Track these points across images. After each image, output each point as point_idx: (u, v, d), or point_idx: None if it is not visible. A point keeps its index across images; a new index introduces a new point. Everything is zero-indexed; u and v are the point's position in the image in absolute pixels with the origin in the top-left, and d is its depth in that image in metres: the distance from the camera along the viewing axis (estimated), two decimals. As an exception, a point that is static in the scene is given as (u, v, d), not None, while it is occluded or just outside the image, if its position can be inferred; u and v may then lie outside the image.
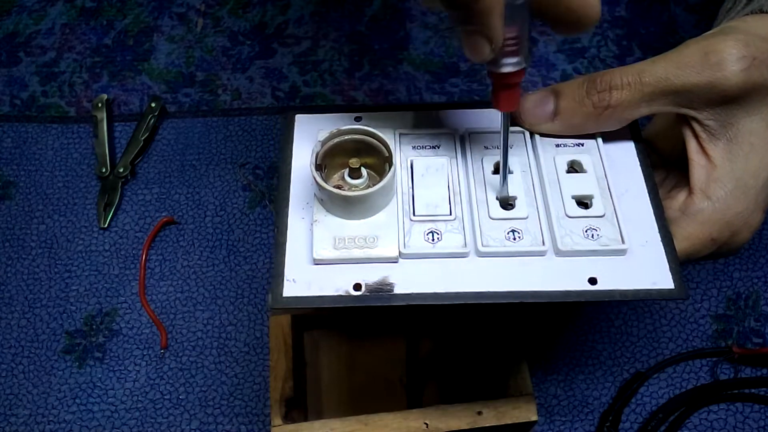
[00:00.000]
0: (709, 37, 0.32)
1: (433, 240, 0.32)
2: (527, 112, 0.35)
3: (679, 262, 0.31)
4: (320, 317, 0.49)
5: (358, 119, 0.36)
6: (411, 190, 0.34)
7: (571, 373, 0.51)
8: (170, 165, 0.61)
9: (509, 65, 0.29)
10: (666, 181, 0.37)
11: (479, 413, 0.41)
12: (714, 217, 0.32)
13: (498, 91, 0.31)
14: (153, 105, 0.63)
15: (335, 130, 0.32)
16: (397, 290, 0.31)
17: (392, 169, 0.31)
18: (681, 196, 0.34)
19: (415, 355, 0.50)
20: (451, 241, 0.32)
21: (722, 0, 0.39)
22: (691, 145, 0.33)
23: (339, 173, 0.34)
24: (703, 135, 0.33)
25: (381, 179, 0.32)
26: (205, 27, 0.69)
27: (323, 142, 0.32)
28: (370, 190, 0.31)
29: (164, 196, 0.60)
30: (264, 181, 0.60)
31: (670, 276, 0.31)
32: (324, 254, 0.31)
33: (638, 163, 0.35)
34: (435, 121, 0.36)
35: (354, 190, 0.32)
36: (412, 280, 0.31)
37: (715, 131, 0.32)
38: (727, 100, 0.31)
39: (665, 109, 0.33)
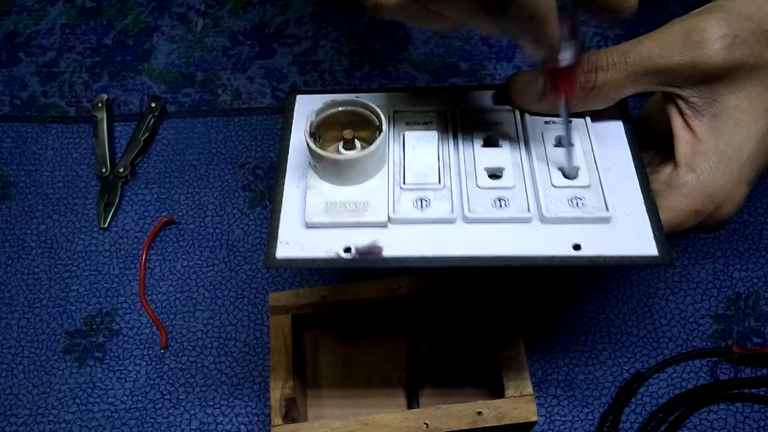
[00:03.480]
0: (693, 16, 0.33)
1: (421, 207, 0.33)
2: (516, 92, 0.36)
3: (663, 231, 0.32)
4: (320, 317, 0.49)
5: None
6: (402, 160, 0.35)
7: (571, 373, 0.51)
8: (170, 165, 0.61)
9: (566, 59, 0.31)
10: (656, 159, 0.38)
11: (479, 413, 0.41)
12: (698, 189, 0.33)
13: (557, 80, 0.32)
14: (153, 105, 0.63)
15: (330, 101, 0.34)
16: (385, 253, 0.32)
17: (382, 134, 0.33)
18: (666, 170, 0.34)
19: (415, 355, 0.50)
20: (439, 207, 0.33)
21: None
22: (677, 121, 0.34)
23: (333, 146, 0.35)
24: (688, 111, 0.33)
25: None
26: (205, 27, 0.69)
27: (318, 112, 0.34)
28: (360, 153, 0.32)
29: (164, 196, 0.60)
30: (264, 181, 0.60)
31: (655, 243, 0.32)
32: (316, 218, 0.33)
33: (626, 140, 0.36)
34: (428, 100, 0.38)
35: (349, 155, 0.33)
36: (401, 244, 0.32)
37: (699, 108, 0.33)
38: (710, 78, 0.32)
39: (650, 88, 0.33)
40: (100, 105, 0.63)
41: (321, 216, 0.33)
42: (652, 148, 0.39)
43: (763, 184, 0.56)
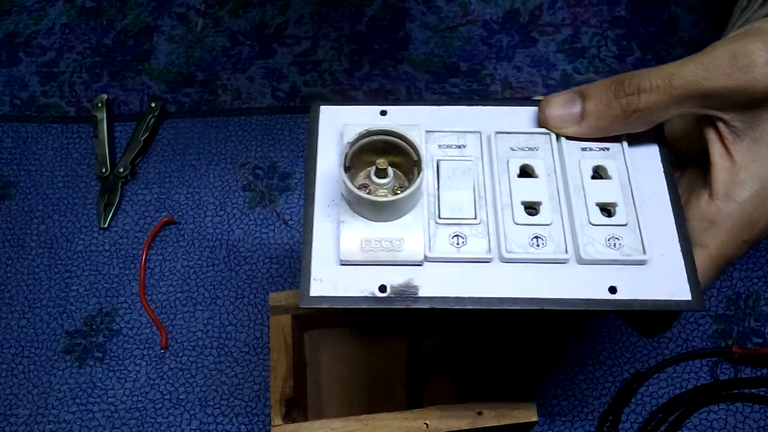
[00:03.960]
0: (736, 38, 0.32)
1: (458, 244, 0.32)
2: (553, 115, 0.35)
3: (696, 274, 0.32)
4: (321, 317, 0.49)
5: (383, 113, 0.36)
6: (437, 191, 0.33)
7: (571, 373, 0.51)
8: (170, 165, 0.61)
9: None
10: (681, 179, 0.37)
11: (479, 413, 0.41)
12: (743, 220, 0.33)
13: None
14: (153, 105, 0.63)
15: (364, 131, 0.32)
16: (421, 293, 0.31)
17: (421, 175, 0.31)
18: (702, 203, 0.33)
19: (416, 356, 0.50)
20: (476, 245, 0.32)
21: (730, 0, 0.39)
22: (715, 148, 0.33)
23: (365, 171, 0.33)
24: (728, 136, 0.33)
25: (408, 181, 0.32)
26: (205, 27, 0.69)
27: (352, 143, 0.32)
28: (399, 196, 0.31)
29: (164, 196, 0.60)
30: (264, 181, 0.60)
31: (689, 288, 0.31)
32: (351, 256, 0.32)
33: (662, 169, 0.35)
34: (462, 118, 0.36)
35: (383, 196, 0.32)
36: (436, 284, 0.32)
37: (740, 132, 0.32)
38: (756, 102, 0.31)
39: (693, 111, 0.33)
40: (100, 105, 0.63)
41: (356, 254, 0.31)
42: (674, 165, 0.38)
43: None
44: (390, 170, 0.33)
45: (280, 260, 0.57)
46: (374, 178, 0.33)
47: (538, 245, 0.32)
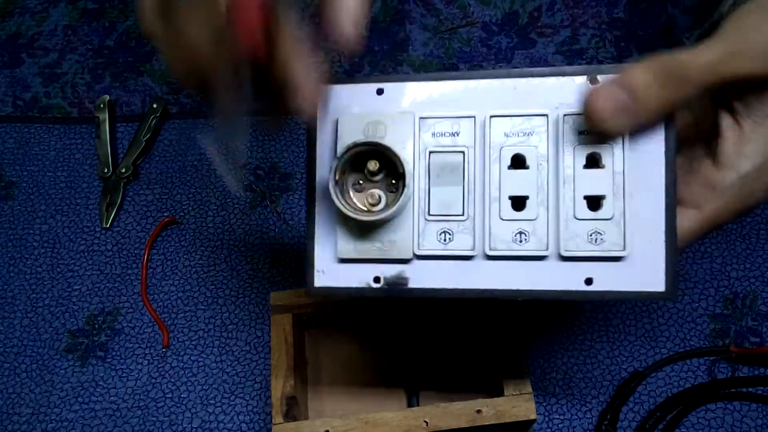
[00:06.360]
0: (749, 16, 0.33)
1: (445, 240, 0.34)
2: (606, 117, 0.32)
3: (677, 263, 0.33)
4: (321, 316, 0.49)
5: (380, 92, 0.36)
6: (427, 186, 0.34)
7: (569, 372, 0.51)
8: (172, 165, 0.62)
9: None
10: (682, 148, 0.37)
11: (479, 412, 0.42)
12: (742, 191, 0.34)
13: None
14: (155, 106, 0.63)
15: (351, 143, 0.33)
16: (411, 284, 0.35)
17: (407, 190, 0.33)
18: (706, 170, 0.34)
19: (415, 355, 0.50)
20: (462, 242, 0.34)
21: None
22: (725, 121, 0.34)
23: (358, 175, 0.35)
24: (741, 110, 0.34)
25: (397, 190, 0.34)
26: (207, 28, 0.69)
27: (339, 158, 0.34)
28: (386, 213, 0.33)
29: (166, 197, 0.60)
30: (265, 181, 0.60)
31: (664, 280, 0.32)
32: (347, 255, 0.35)
33: (663, 150, 0.33)
34: (459, 96, 0.35)
35: (372, 215, 0.34)
36: (425, 277, 0.35)
37: (752, 107, 0.33)
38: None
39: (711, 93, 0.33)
40: (102, 106, 0.64)
41: (351, 253, 0.35)
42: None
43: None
44: (381, 171, 0.35)
45: (281, 260, 0.57)
46: (367, 177, 0.35)
47: (521, 240, 0.34)
